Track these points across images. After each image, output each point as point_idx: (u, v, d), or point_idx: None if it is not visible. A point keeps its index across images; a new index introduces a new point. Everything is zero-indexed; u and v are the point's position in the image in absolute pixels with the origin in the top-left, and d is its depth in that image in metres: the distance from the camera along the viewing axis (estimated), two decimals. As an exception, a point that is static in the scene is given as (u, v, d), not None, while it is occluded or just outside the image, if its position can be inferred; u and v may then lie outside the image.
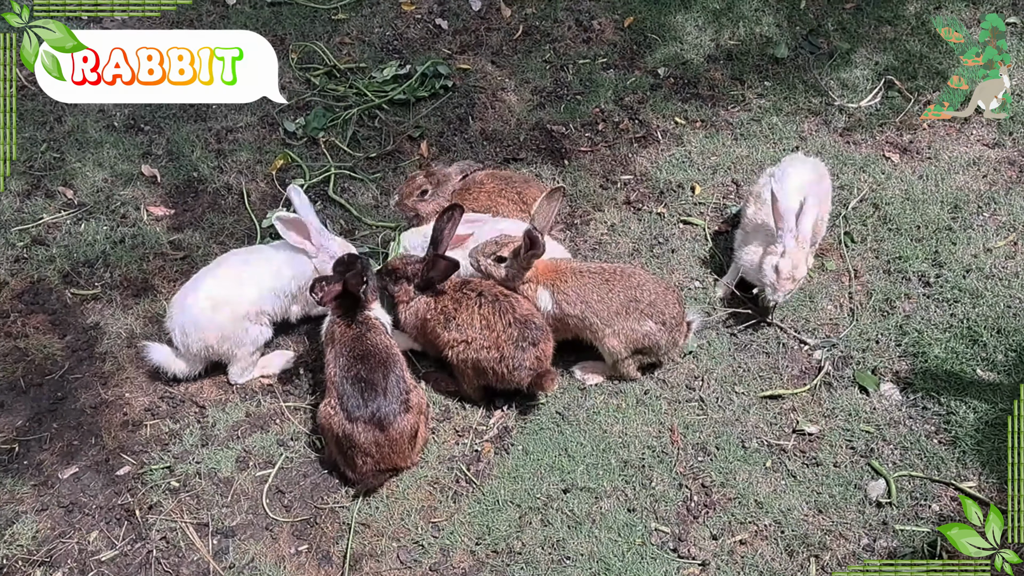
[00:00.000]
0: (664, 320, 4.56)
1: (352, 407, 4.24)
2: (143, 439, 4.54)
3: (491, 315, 4.47)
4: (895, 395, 4.66)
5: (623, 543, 4.19)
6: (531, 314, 4.50)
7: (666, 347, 4.64)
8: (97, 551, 4.18)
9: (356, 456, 4.26)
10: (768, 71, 6.17)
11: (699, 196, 5.50)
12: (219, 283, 4.57)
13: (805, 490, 4.35)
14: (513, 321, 4.44)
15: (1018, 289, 4.99)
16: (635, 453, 4.47)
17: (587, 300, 4.54)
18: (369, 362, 4.31)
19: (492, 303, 4.48)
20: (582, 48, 6.33)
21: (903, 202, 5.41)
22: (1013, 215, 5.32)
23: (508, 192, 5.10)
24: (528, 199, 5.03)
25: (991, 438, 4.45)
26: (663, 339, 4.58)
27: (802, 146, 5.71)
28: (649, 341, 4.56)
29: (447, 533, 4.23)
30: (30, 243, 5.22)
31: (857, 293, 5.05)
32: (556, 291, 4.58)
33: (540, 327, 4.49)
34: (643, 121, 5.90)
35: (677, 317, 4.62)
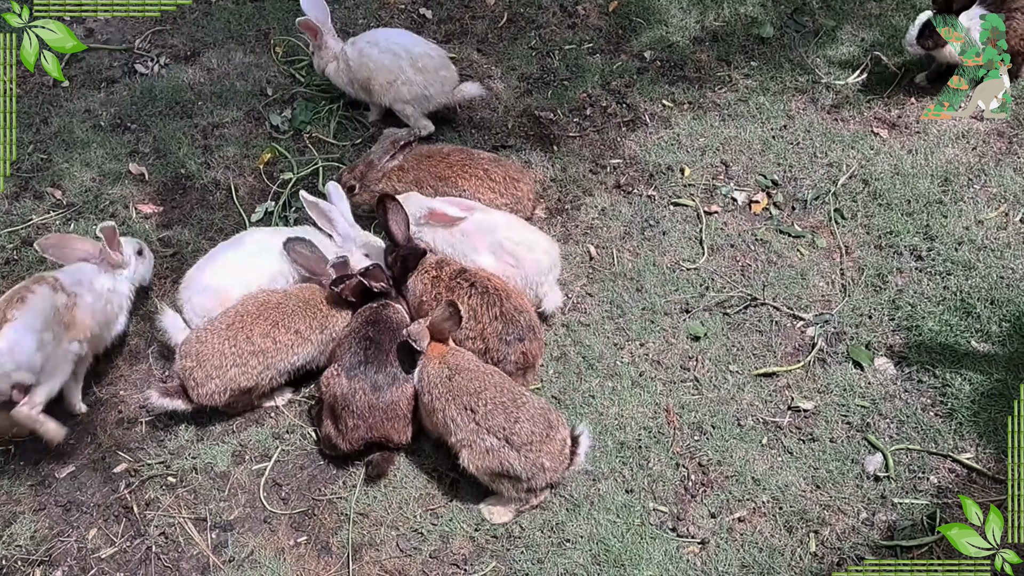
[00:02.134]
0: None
1: (352, 364, 4.24)
2: (139, 436, 4.53)
3: (479, 306, 4.45)
4: (890, 369, 4.66)
5: (622, 524, 4.19)
6: (518, 310, 4.47)
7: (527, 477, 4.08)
8: (96, 548, 4.18)
9: (348, 418, 4.20)
10: (754, 51, 6.16)
11: (689, 178, 5.49)
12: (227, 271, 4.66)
13: (802, 466, 4.35)
14: (499, 315, 4.43)
15: (1010, 260, 4.99)
16: (632, 434, 4.47)
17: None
18: (380, 327, 4.36)
19: (481, 295, 4.46)
20: (567, 34, 6.31)
21: (893, 177, 5.40)
22: (1003, 186, 5.32)
23: (473, 168, 5.08)
24: (495, 177, 5.04)
25: (987, 409, 4.46)
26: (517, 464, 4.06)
27: (790, 124, 5.70)
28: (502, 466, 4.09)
29: (446, 520, 4.23)
30: (20, 245, 5.20)
31: (849, 269, 5.05)
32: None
33: (528, 325, 4.46)
34: (631, 105, 5.89)
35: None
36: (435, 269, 4.62)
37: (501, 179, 5.07)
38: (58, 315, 4.24)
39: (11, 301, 4.15)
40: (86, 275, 4.49)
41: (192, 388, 4.36)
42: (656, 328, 4.85)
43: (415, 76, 5.47)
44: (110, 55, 6.22)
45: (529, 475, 4.05)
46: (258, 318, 4.43)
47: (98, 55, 6.21)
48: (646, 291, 4.99)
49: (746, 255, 5.13)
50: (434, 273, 4.60)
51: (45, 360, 4.16)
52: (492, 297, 4.46)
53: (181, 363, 4.38)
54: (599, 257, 5.16)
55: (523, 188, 5.13)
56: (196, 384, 4.35)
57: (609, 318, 4.91)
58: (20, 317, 4.10)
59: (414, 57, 5.47)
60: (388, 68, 5.47)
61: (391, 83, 5.50)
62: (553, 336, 4.83)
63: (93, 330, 4.43)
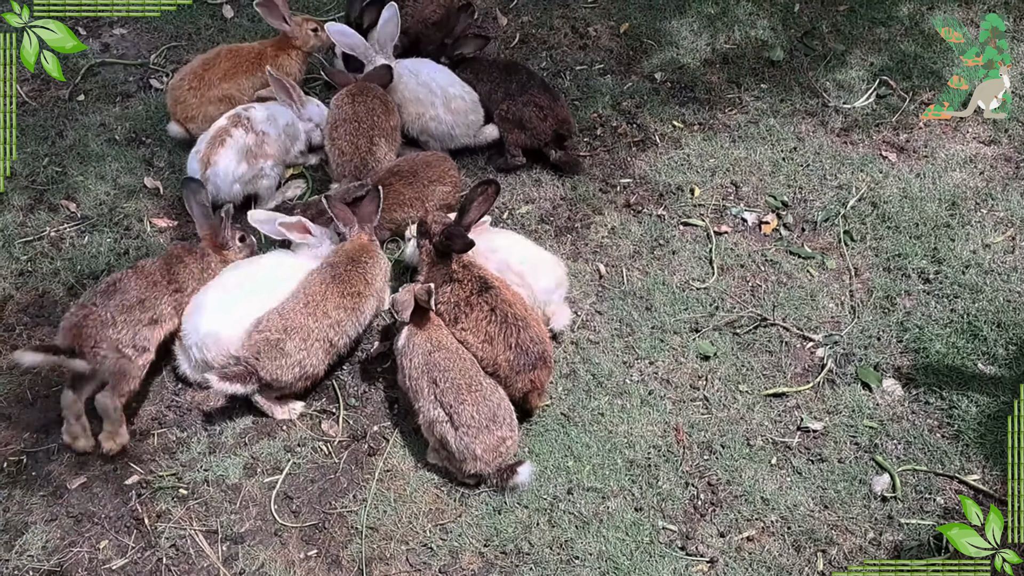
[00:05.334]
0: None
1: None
2: (151, 448, 4.56)
3: (496, 334, 4.47)
4: (897, 391, 4.69)
5: (631, 542, 4.21)
6: (534, 341, 4.48)
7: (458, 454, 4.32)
8: (107, 560, 4.19)
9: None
10: (764, 74, 6.21)
11: (698, 198, 5.54)
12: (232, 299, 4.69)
13: (811, 486, 4.38)
14: (515, 345, 4.45)
15: (1017, 283, 5.03)
16: (641, 453, 4.50)
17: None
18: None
19: (500, 324, 4.48)
20: (579, 55, 6.37)
21: (901, 200, 5.45)
22: (1010, 210, 5.37)
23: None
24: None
25: (993, 431, 4.48)
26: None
27: (799, 146, 5.75)
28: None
29: (455, 535, 4.25)
30: (34, 256, 5.24)
31: (858, 291, 5.09)
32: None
33: (540, 355, 4.48)
34: (641, 125, 5.95)
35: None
36: (460, 270, 4.64)
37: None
38: (250, 151, 5.34)
39: (214, 145, 5.28)
40: (273, 113, 5.51)
41: (271, 363, 4.47)
42: (666, 347, 4.88)
43: (445, 115, 5.62)
44: (125, 70, 6.28)
45: (461, 457, 4.29)
46: (327, 292, 4.61)
47: (113, 70, 6.27)
48: (656, 310, 5.03)
49: (756, 275, 5.17)
50: (458, 276, 4.62)
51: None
52: (510, 327, 4.47)
53: (260, 339, 4.50)
54: (609, 275, 5.20)
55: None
56: (277, 358, 4.48)
57: (619, 336, 4.94)
58: (223, 154, 5.25)
59: (448, 97, 5.62)
60: (421, 101, 5.64)
61: (420, 115, 5.64)
62: (562, 354, 4.86)
63: (276, 157, 5.45)
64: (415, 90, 5.62)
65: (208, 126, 5.44)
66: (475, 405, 4.29)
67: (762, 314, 4.98)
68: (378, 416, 4.67)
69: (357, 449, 4.55)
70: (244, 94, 5.66)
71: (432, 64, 5.80)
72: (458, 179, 5.45)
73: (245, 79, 5.69)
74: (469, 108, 5.67)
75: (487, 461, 4.29)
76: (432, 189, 5.29)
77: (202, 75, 5.63)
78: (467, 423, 4.27)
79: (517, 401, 4.52)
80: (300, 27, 5.79)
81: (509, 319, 4.47)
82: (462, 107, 5.63)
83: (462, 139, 5.71)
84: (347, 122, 5.37)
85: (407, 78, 5.65)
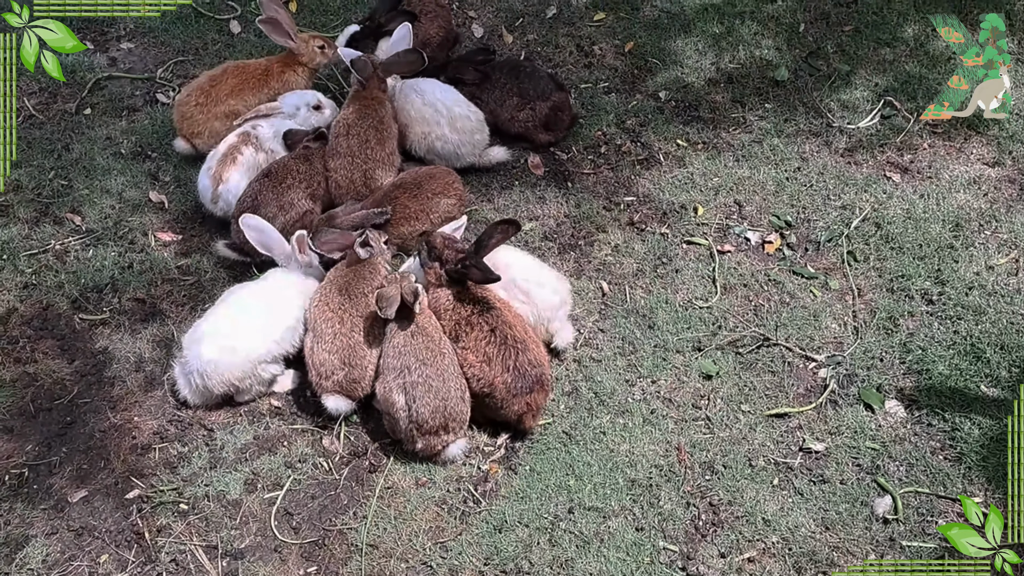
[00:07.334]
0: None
1: None
2: (152, 462, 4.56)
3: (494, 355, 4.48)
4: (900, 412, 4.68)
5: (632, 562, 4.20)
6: (532, 364, 4.48)
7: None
8: (108, 574, 4.19)
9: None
10: (768, 93, 6.23)
11: (702, 217, 5.54)
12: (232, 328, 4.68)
13: (812, 507, 4.37)
14: (512, 368, 4.46)
15: (1020, 305, 5.02)
16: (642, 472, 4.49)
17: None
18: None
19: (499, 345, 4.49)
20: (584, 73, 6.39)
21: (905, 221, 5.45)
22: (1014, 232, 5.37)
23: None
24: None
25: (996, 454, 4.47)
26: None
27: (803, 166, 5.76)
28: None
29: (455, 553, 4.24)
30: (39, 269, 5.26)
31: (861, 311, 5.09)
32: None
33: (537, 378, 4.48)
34: (645, 144, 5.96)
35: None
36: (464, 289, 4.66)
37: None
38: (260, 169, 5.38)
39: (225, 163, 5.34)
40: (279, 129, 5.54)
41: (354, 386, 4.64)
42: (668, 366, 4.88)
43: (451, 135, 5.64)
44: (132, 84, 6.31)
45: (406, 439, 4.49)
46: (353, 306, 4.68)
47: (120, 84, 6.30)
48: (658, 328, 5.03)
49: (759, 295, 5.17)
50: (462, 295, 4.64)
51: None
52: (509, 349, 4.47)
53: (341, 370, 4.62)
54: (612, 293, 5.20)
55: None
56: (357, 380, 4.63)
57: (621, 354, 4.94)
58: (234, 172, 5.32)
59: (454, 117, 5.63)
60: (427, 120, 5.65)
61: (426, 135, 5.66)
62: (564, 371, 4.86)
63: None
64: (421, 110, 5.64)
65: (214, 142, 5.47)
66: (431, 409, 4.39)
67: (765, 334, 4.98)
68: (379, 433, 4.67)
69: (358, 466, 4.55)
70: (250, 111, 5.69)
71: (437, 83, 5.80)
72: (463, 192, 5.45)
73: (251, 95, 5.71)
74: (475, 127, 5.69)
75: (426, 454, 4.52)
76: (436, 202, 5.29)
77: (208, 91, 5.65)
78: (420, 422, 4.40)
79: (512, 422, 4.53)
80: (307, 44, 5.81)
81: (508, 341, 4.47)
82: (468, 126, 5.65)
83: (468, 158, 5.72)
84: (341, 156, 5.38)
85: (413, 97, 5.67)
